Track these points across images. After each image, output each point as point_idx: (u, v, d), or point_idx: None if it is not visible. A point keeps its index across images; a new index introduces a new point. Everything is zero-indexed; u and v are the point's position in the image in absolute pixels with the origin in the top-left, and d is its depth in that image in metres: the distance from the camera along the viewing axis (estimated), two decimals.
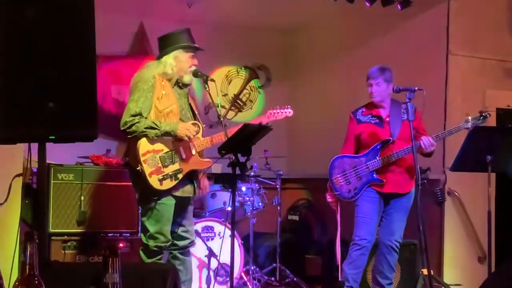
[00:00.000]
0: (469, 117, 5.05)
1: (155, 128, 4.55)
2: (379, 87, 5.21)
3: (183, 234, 4.83)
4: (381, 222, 5.29)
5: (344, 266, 5.25)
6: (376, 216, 5.23)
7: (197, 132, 4.78)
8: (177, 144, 4.70)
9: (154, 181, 4.59)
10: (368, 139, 5.25)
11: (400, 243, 5.27)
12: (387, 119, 5.26)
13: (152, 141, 4.61)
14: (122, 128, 4.60)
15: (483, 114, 5.05)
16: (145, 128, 4.54)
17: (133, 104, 4.61)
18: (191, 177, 4.79)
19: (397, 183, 5.20)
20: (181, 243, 4.83)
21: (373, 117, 5.29)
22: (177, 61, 4.76)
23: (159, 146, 4.64)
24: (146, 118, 4.59)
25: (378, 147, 5.18)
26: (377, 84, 5.21)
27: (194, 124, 4.79)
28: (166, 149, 4.66)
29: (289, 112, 5.13)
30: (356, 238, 5.20)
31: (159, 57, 4.82)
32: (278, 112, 5.11)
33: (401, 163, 5.17)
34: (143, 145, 4.61)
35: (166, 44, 4.80)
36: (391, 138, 5.17)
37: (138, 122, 4.55)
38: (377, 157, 5.17)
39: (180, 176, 4.67)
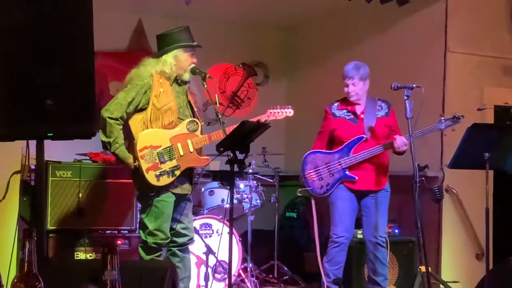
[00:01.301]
0: (443, 118, 5.12)
1: (109, 146, 4.59)
2: (355, 87, 5.27)
3: (182, 231, 4.84)
4: (362, 221, 5.33)
5: (324, 263, 5.31)
6: (352, 212, 5.29)
7: (195, 130, 4.79)
8: (175, 140, 4.70)
9: (151, 177, 4.60)
10: (342, 135, 5.29)
11: (386, 237, 5.30)
12: (362, 115, 5.30)
13: (150, 136, 4.62)
14: (101, 113, 4.59)
15: (456, 115, 5.12)
16: (105, 140, 4.58)
17: (123, 95, 4.64)
18: (188, 174, 4.79)
19: (370, 181, 5.25)
20: (180, 240, 4.84)
21: (348, 113, 5.34)
22: (177, 61, 4.76)
23: (157, 142, 4.64)
24: (132, 113, 4.61)
25: (351, 144, 5.23)
26: (353, 84, 5.26)
27: (192, 121, 4.79)
28: (164, 145, 4.66)
29: (290, 112, 5.13)
30: (334, 236, 5.25)
31: (158, 55, 4.82)
32: (278, 112, 5.12)
33: (374, 160, 5.23)
34: (141, 140, 4.62)
35: (165, 43, 4.80)
36: (364, 136, 5.20)
37: (112, 125, 4.57)
38: (349, 154, 5.21)
39: (177, 172, 4.67)
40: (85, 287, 2.60)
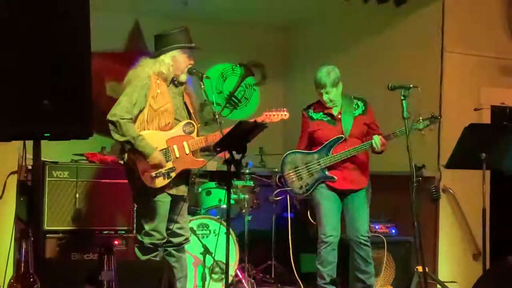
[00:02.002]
0: (421, 118, 5.14)
1: (131, 144, 4.53)
2: (329, 94, 5.27)
3: (178, 231, 4.83)
4: (345, 221, 5.36)
5: (317, 266, 5.31)
6: (337, 211, 5.31)
7: (191, 132, 4.78)
8: (171, 142, 4.69)
9: (146, 179, 4.59)
10: (321, 136, 5.31)
11: (369, 236, 5.32)
12: (339, 116, 5.32)
13: (146, 138, 4.60)
14: (109, 118, 4.53)
15: (434, 115, 5.15)
16: (124, 139, 4.52)
17: (126, 98, 4.59)
18: (184, 176, 4.78)
19: (351, 180, 5.28)
20: (176, 240, 4.83)
21: (324, 115, 5.36)
22: (175, 61, 4.74)
23: (153, 143, 4.61)
24: (136, 117, 4.58)
25: (330, 144, 5.26)
26: (326, 92, 5.27)
27: (188, 123, 4.78)
28: (160, 147, 4.64)
29: (285, 115, 5.12)
30: (322, 236, 5.26)
31: (155, 56, 4.79)
32: (274, 114, 5.10)
33: (354, 160, 5.27)
34: None
35: (163, 43, 4.76)
36: (343, 136, 5.23)
37: (126, 124, 4.51)
38: (329, 154, 5.23)
39: (172, 174, 4.66)
40: None
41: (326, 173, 5.26)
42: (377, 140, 5.10)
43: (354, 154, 5.20)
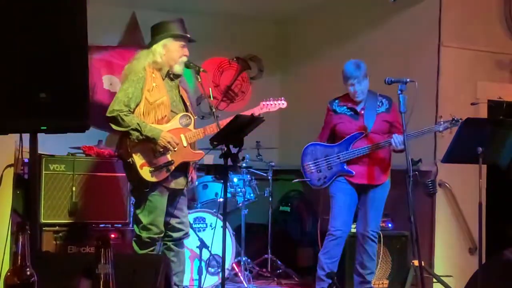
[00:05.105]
0: (442, 120, 5.17)
1: (138, 131, 4.54)
2: (361, 85, 5.25)
3: (178, 225, 4.83)
4: (358, 214, 5.37)
5: (320, 256, 5.34)
6: (351, 206, 5.32)
7: (188, 124, 4.78)
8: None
9: (145, 173, 4.59)
10: (343, 130, 5.32)
11: (378, 232, 5.35)
12: (362, 111, 5.32)
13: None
14: (109, 115, 4.56)
15: (455, 118, 5.13)
16: (131, 129, 4.53)
17: (122, 94, 4.60)
18: (183, 169, 4.78)
19: (370, 175, 5.27)
20: (176, 234, 4.83)
21: (348, 109, 5.35)
22: (166, 50, 4.73)
23: None
24: (133, 111, 4.58)
25: (351, 139, 5.26)
26: (358, 83, 5.24)
27: (185, 115, 4.78)
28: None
29: (283, 103, 5.14)
30: (332, 229, 5.29)
31: (149, 46, 4.81)
32: (271, 104, 5.12)
33: (373, 155, 5.26)
34: None
35: (156, 33, 4.79)
36: (364, 132, 5.24)
37: (126, 116, 4.53)
38: (349, 149, 5.24)
39: (171, 168, 4.66)
40: (79, 281, 2.60)
41: (345, 167, 5.27)
42: (396, 139, 5.09)
43: (373, 151, 5.21)
